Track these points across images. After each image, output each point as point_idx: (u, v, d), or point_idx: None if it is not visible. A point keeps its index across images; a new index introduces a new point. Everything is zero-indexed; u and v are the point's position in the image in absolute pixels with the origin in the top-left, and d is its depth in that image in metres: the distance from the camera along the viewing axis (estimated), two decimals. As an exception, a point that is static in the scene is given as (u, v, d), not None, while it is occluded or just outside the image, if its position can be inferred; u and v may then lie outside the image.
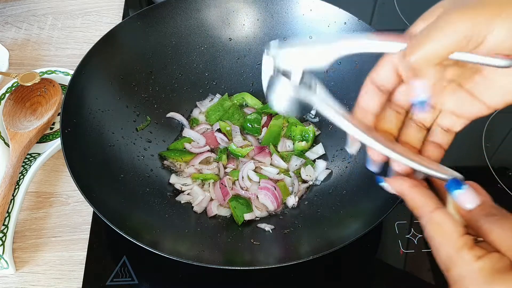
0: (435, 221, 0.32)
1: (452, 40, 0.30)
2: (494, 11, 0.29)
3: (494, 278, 0.29)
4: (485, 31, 0.30)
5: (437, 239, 0.32)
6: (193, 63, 0.73)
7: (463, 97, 0.36)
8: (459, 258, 0.31)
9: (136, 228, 0.53)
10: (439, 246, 0.32)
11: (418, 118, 0.39)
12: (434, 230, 0.32)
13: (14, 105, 0.71)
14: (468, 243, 0.31)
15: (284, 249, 0.58)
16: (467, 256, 0.30)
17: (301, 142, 0.69)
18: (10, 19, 0.89)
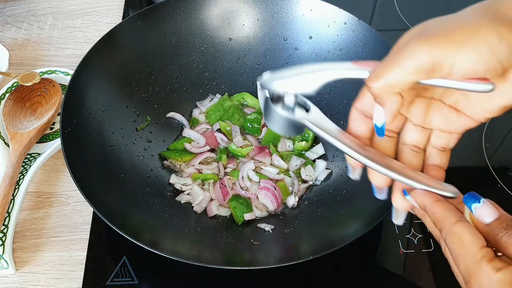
0: (455, 233, 0.32)
1: (412, 69, 0.30)
2: (462, 38, 0.29)
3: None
4: (451, 58, 0.29)
5: (456, 251, 0.32)
6: (193, 63, 0.73)
7: (448, 114, 0.36)
8: (479, 270, 0.30)
9: (136, 228, 0.53)
10: (458, 258, 0.32)
11: (411, 142, 0.38)
12: (454, 242, 0.32)
13: (14, 105, 0.71)
14: (488, 255, 0.30)
15: (284, 249, 0.58)
16: (487, 268, 0.30)
17: (301, 142, 0.69)
18: (10, 19, 0.89)
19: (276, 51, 0.73)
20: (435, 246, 0.61)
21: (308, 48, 0.71)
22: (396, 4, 0.94)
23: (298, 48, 0.72)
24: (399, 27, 0.89)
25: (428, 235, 0.62)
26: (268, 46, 0.73)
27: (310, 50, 0.71)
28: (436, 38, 0.30)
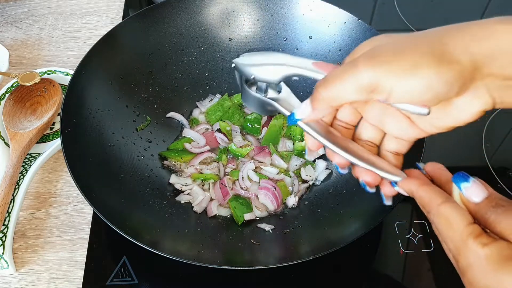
0: (442, 214, 0.32)
1: (354, 89, 0.32)
2: (404, 69, 0.31)
3: (501, 265, 0.29)
4: (390, 84, 0.31)
5: (444, 232, 0.32)
6: (193, 63, 0.73)
7: (402, 121, 0.37)
8: (466, 246, 0.31)
9: (136, 228, 0.53)
10: (446, 239, 0.32)
11: (367, 138, 0.40)
12: (441, 223, 0.32)
13: (14, 105, 0.71)
14: (475, 232, 0.31)
15: (284, 249, 0.58)
16: (473, 244, 0.30)
17: (301, 142, 0.69)
18: (10, 19, 0.89)
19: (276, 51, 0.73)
20: (435, 246, 0.61)
21: (308, 48, 0.71)
22: (396, 4, 0.94)
23: (298, 48, 0.72)
24: (399, 27, 0.89)
25: (428, 235, 0.62)
26: (268, 46, 0.73)
27: (310, 50, 0.71)
28: (380, 64, 0.31)
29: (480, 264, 0.29)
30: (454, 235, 0.31)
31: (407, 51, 0.31)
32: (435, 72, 0.30)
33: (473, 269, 0.30)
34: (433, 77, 0.30)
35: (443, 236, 0.33)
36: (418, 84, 0.31)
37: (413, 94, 0.31)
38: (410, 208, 0.65)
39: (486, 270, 0.29)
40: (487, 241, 0.30)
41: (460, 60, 0.30)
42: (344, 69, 0.33)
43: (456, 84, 0.31)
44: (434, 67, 0.30)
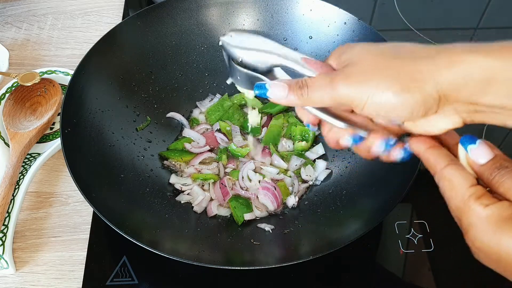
0: (445, 176, 0.34)
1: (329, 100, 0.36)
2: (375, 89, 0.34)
3: (501, 225, 0.30)
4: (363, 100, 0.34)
5: (447, 193, 0.34)
6: (193, 63, 0.73)
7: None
8: (468, 207, 0.32)
9: (136, 228, 0.53)
10: (450, 200, 0.33)
11: None
12: (445, 185, 0.34)
13: (14, 105, 0.71)
14: (477, 193, 0.32)
15: (284, 249, 0.58)
16: (475, 205, 0.31)
17: (301, 142, 0.69)
18: (10, 19, 0.89)
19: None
20: (435, 246, 0.61)
21: (308, 48, 0.71)
22: (396, 4, 0.94)
23: (298, 48, 0.72)
24: (399, 27, 0.89)
25: (428, 235, 0.62)
26: (268, 46, 0.73)
27: (310, 50, 0.71)
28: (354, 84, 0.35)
29: (481, 224, 0.31)
30: (457, 196, 0.33)
31: (377, 74, 0.34)
32: (398, 99, 0.33)
33: (474, 228, 0.31)
34: (397, 102, 0.33)
35: (446, 197, 0.34)
36: (385, 105, 0.34)
37: (381, 111, 0.35)
38: (410, 208, 0.65)
39: (487, 229, 0.30)
40: (488, 202, 0.31)
41: (424, 89, 0.32)
42: (324, 82, 0.36)
43: (419, 109, 0.33)
44: (398, 94, 0.33)
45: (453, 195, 0.33)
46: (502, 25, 0.92)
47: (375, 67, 0.34)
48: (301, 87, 0.37)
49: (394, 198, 0.51)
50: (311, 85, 0.37)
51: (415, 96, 0.33)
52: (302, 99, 0.37)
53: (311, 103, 0.37)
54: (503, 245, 0.30)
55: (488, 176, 0.33)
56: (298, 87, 0.37)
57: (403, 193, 0.51)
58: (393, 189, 0.54)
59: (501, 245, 0.30)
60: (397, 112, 0.34)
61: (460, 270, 0.59)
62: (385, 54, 0.35)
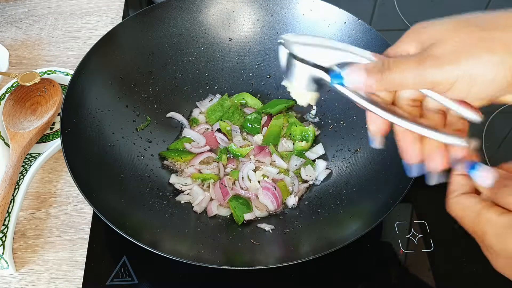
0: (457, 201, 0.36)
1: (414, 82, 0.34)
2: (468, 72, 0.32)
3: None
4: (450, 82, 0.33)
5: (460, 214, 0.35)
6: (193, 63, 0.73)
7: None
8: (481, 218, 0.33)
9: (136, 228, 0.53)
10: (463, 219, 0.35)
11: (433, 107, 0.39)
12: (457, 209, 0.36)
13: (14, 105, 0.71)
14: (487, 205, 0.33)
15: (284, 249, 0.58)
16: (487, 214, 0.33)
17: (301, 142, 0.69)
18: (10, 19, 0.89)
19: (276, 51, 0.72)
20: (435, 246, 0.61)
21: (308, 48, 0.71)
22: (396, 4, 0.94)
23: (298, 48, 0.72)
24: (399, 27, 0.89)
25: (428, 235, 0.62)
26: (268, 46, 0.73)
27: (310, 50, 0.71)
28: (444, 65, 0.33)
29: (494, 229, 0.32)
30: (470, 213, 0.34)
31: (471, 52, 0.32)
32: (498, 72, 0.32)
33: (490, 235, 0.33)
34: (495, 77, 0.32)
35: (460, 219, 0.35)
36: (482, 82, 0.32)
37: (474, 89, 0.33)
38: (410, 208, 0.65)
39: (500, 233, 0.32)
40: (500, 211, 0.32)
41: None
42: (410, 62, 0.34)
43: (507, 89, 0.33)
44: (497, 66, 0.32)
45: (466, 214, 0.35)
46: (502, 25, 0.92)
47: (466, 44, 0.33)
48: (381, 70, 0.35)
49: (394, 198, 0.51)
50: (394, 67, 0.34)
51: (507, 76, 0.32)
52: (382, 83, 0.35)
53: (391, 87, 0.35)
54: None
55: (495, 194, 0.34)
56: (377, 71, 0.35)
57: (403, 193, 0.51)
58: (393, 189, 0.54)
59: None
60: (494, 87, 0.33)
61: (460, 270, 0.59)
62: (471, 28, 0.34)
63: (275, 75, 0.74)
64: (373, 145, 0.40)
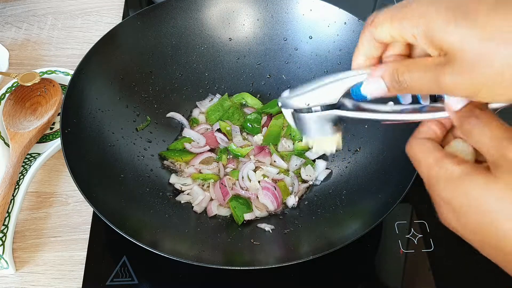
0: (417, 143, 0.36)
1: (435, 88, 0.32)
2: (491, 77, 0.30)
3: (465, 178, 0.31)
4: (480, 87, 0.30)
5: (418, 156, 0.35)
6: (193, 63, 0.73)
7: None
8: (438, 166, 0.33)
9: (136, 228, 0.53)
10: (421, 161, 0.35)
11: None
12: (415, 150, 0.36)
13: (14, 105, 0.71)
14: (447, 155, 0.33)
15: (284, 249, 0.58)
16: (444, 163, 0.33)
17: (301, 142, 0.69)
18: (10, 19, 0.89)
19: (276, 51, 0.73)
20: (435, 246, 0.61)
21: (308, 48, 0.71)
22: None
23: (298, 48, 0.72)
24: (399, 27, 0.89)
25: (428, 235, 0.62)
26: (268, 46, 0.73)
27: (310, 50, 0.71)
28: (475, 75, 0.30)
29: (447, 178, 0.32)
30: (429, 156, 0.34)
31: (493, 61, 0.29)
32: None
33: (441, 181, 0.33)
34: None
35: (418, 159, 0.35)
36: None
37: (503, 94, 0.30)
38: (410, 208, 0.65)
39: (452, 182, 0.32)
40: (458, 161, 0.32)
41: None
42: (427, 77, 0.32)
43: None
44: None
45: (425, 156, 0.34)
46: (502, 25, 0.92)
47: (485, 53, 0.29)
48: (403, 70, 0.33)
49: (394, 198, 0.51)
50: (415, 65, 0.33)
51: None
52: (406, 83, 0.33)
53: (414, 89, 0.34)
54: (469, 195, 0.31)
55: (461, 123, 0.33)
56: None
57: (403, 193, 0.51)
58: (393, 189, 0.54)
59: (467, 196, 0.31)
60: None
61: (460, 270, 0.59)
62: None
63: (275, 75, 0.74)
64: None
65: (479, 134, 0.32)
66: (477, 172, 0.31)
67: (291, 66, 0.73)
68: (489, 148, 0.31)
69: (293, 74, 0.73)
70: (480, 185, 0.30)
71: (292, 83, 0.73)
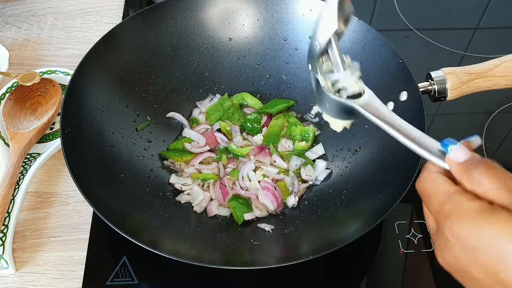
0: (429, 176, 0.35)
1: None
2: None
3: (482, 215, 0.30)
4: None
5: (430, 190, 0.34)
6: (193, 63, 0.73)
7: None
8: (451, 201, 0.32)
9: (136, 228, 0.53)
10: (431, 197, 0.34)
11: None
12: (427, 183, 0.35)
13: (14, 105, 0.71)
14: (460, 190, 0.33)
15: (284, 249, 0.58)
16: (458, 198, 0.32)
17: (301, 142, 0.69)
18: (10, 19, 0.89)
19: (276, 51, 0.73)
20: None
21: (308, 48, 0.71)
22: (396, 4, 0.94)
23: (298, 48, 0.72)
24: (399, 27, 0.89)
25: (428, 235, 0.62)
26: (268, 46, 0.73)
27: (310, 50, 0.71)
28: None
29: (462, 213, 0.31)
30: (440, 192, 0.33)
31: None
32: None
33: (455, 217, 0.32)
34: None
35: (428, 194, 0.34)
36: None
37: None
38: (410, 208, 0.65)
39: (468, 218, 0.31)
40: (472, 197, 0.32)
41: None
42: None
43: None
44: None
45: (437, 190, 0.34)
46: (502, 25, 0.92)
47: None
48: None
49: (394, 198, 0.51)
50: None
51: None
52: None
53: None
54: (484, 232, 0.30)
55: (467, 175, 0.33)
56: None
57: (403, 193, 0.51)
58: (393, 189, 0.54)
59: (482, 233, 0.30)
60: None
61: (460, 270, 0.59)
62: None
63: (275, 75, 0.74)
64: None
65: (489, 182, 0.31)
66: (498, 209, 0.30)
67: (291, 66, 0.73)
68: (501, 193, 0.31)
69: (293, 74, 0.73)
70: (503, 223, 0.29)
71: (292, 83, 0.73)
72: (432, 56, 0.85)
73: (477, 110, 0.78)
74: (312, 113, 0.72)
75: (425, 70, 0.64)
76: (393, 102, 0.61)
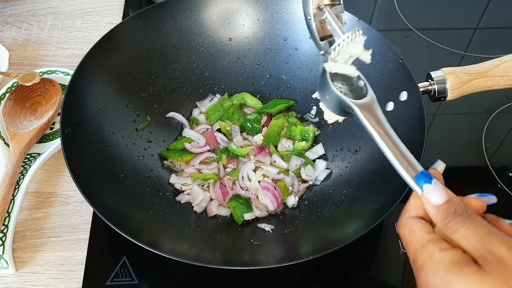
0: (406, 223, 0.35)
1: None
2: None
3: (453, 268, 0.31)
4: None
5: (407, 238, 0.35)
6: (193, 63, 0.73)
7: None
8: (424, 250, 0.33)
9: (136, 228, 0.53)
10: (409, 244, 0.34)
11: None
12: (405, 230, 0.35)
13: (14, 105, 0.71)
14: (434, 239, 0.33)
15: (284, 249, 0.58)
16: (432, 247, 0.32)
17: (301, 142, 0.69)
18: (10, 19, 0.89)
19: (276, 51, 0.73)
20: (435, 246, 0.61)
21: (308, 48, 0.71)
22: (396, 4, 0.94)
23: (298, 48, 0.72)
24: (399, 27, 0.89)
25: (428, 235, 0.62)
26: (268, 46, 0.73)
27: (310, 50, 0.71)
28: None
29: (434, 266, 0.32)
30: (416, 240, 0.34)
31: None
32: None
33: (427, 269, 0.32)
34: None
35: (406, 242, 0.35)
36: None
37: None
38: (410, 208, 0.65)
39: (439, 271, 0.31)
40: (444, 247, 0.32)
41: None
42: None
43: None
44: None
45: (413, 239, 0.34)
46: (502, 25, 0.92)
47: None
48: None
49: (394, 198, 0.51)
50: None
51: None
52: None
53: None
54: (452, 286, 0.30)
55: (442, 220, 0.33)
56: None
57: (403, 193, 0.51)
58: (393, 189, 0.54)
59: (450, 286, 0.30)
60: None
61: (460, 270, 0.59)
62: None
63: (275, 75, 0.74)
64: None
65: (465, 232, 0.32)
66: (467, 263, 0.31)
67: (291, 66, 0.73)
68: (476, 245, 0.31)
69: (293, 74, 0.73)
70: (470, 278, 0.30)
71: (292, 83, 0.74)
72: (432, 56, 0.85)
73: (477, 110, 0.78)
74: (312, 113, 0.72)
75: (425, 70, 0.64)
76: (393, 102, 0.61)
